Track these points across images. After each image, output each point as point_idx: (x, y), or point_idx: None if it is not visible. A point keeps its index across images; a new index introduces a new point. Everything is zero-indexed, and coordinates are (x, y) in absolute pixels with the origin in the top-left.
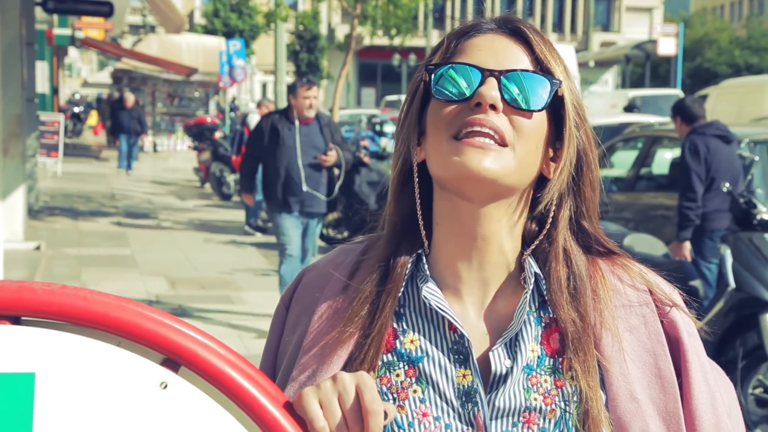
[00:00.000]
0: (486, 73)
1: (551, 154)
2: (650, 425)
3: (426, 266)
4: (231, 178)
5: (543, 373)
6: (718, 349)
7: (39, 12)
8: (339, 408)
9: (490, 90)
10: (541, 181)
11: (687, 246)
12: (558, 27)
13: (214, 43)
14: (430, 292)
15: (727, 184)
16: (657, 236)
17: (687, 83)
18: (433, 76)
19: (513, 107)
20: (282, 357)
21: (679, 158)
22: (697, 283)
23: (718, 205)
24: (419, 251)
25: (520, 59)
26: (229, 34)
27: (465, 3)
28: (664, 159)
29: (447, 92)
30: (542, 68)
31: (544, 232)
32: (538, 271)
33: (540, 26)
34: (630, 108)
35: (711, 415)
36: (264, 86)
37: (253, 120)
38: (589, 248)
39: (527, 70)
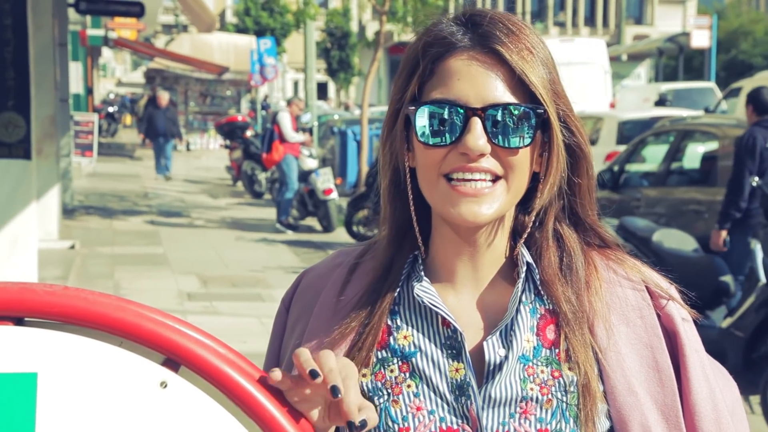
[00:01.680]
0: (469, 113)
1: (540, 149)
2: (649, 418)
3: (421, 267)
4: (262, 176)
5: (539, 363)
6: (749, 345)
7: (72, 13)
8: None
9: (476, 140)
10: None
11: (723, 235)
12: (590, 20)
13: (246, 41)
14: (423, 289)
15: (757, 179)
16: (688, 231)
17: (721, 76)
18: (415, 114)
19: (501, 147)
20: (283, 358)
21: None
22: (727, 278)
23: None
24: (416, 252)
25: (501, 85)
26: (260, 33)
27: None
28: (695, 153)
29: (431, 138)
30: (525, 87)
31: (534, 222)
32: (530, 260)
33: (572, 20)
34: (661, 102)
35: (711, 410)
36: (296, 84)
37: (283, 118)
38: (585, 239)
39: (510, 103)
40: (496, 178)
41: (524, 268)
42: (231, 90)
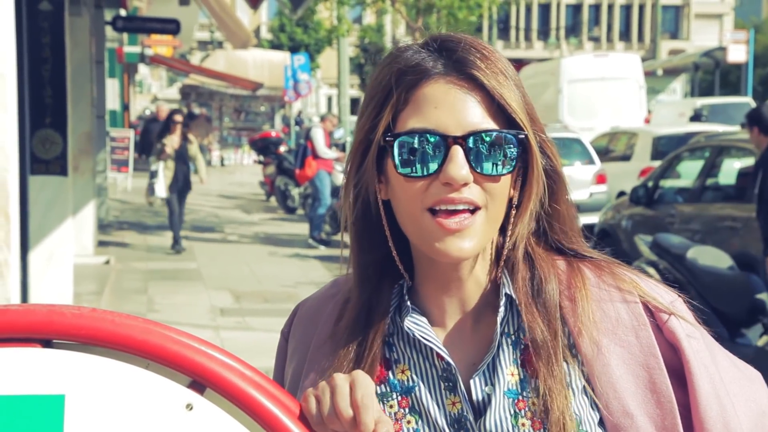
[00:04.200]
0: (449, 141)
1: (515, 177)
2: None
3: (407, 299)
4: (295, 192)
5: (530, 396)
6: None
7: (110, 31)
8: (330, 402)
9: (459, 169)
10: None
11: None
12: (625, 35)
13: (280, 57)
14: (414, 322)
15: None
16: (723, 248)
17: (758, 91)
18: (393, 146)
19: (483, 175)
20: (285, 386)
21: (753, 168)
22: (764, 296)
23: None
24: (401, 282)
25: (479, 111)
26: (294, 49)
27: (530, 12)
28: (731, 169)
29: (413, 170)
30: (502, 112)
31: (508, 246)
32: (510, 292)
33: (606, 35)
34: (696, 117)
35: (721, 428)
36: (329, 99)
37: (316, 134)
38: (570, 254)
39: (491, 130)
40: (475, 209)
41: (503, 300)
42: (265, 106)
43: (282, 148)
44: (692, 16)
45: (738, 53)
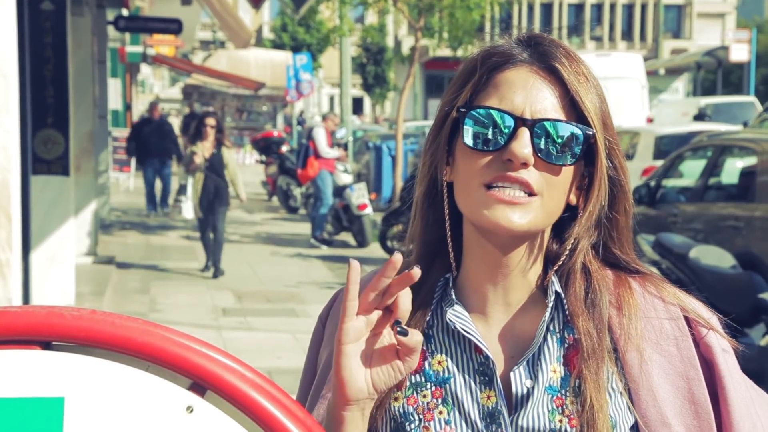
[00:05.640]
0: (519, 123)
1: (579, 182)
2: None
3: (452, 291)
4: (297, 192)
5: (569, 394)
6: None
7: (112, 31)
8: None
9: (522, 148)
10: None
11: None
12: (627, 35)
13: (282, 57)
14: (456, 314)
15: None
16: (726, 248)
17: (760, 90)
18: (465, 118)
19: (544, 161)
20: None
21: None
22: (766, 295)
23: None
24: (447, 275)
25: (554, 102)
26: (297, 48)
27: (532, 12)
28: (734, 168)
29: (479, 143)
30: (576, 110)
31: (566, 253)
32: (560, 290)
33: (608, 35)
34: (700, 117)
35: None
36: (332, 99)
37: (318, 134)
38: (619, 266)
39: (560, 120)
40: (531, 194)
41: (553, 297)
42: (267, 105)
43: (284, 148)
44: (694, 15)
45: (740, 52)
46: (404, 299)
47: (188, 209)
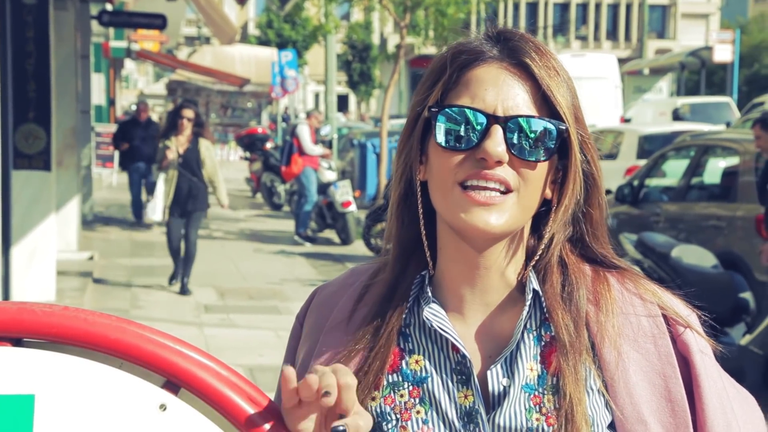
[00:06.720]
0: (491, 120)
1: (553, 176)
2: None
3: (429, 289)
4: (281, 188)
5: (546, 392)
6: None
7: (95, 25)
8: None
9: (496, 146)
10: (544, 201)
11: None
12: (612, 34)
13: (267, 54)
14: (432, 312)
15: None
16: (708, 247)
17: (744, 90)
18: (437, 116)
19: (518, 158)
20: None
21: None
22: (747, 295)
23: None
24: (424, 273)
25: (526, 98)
26: (282, 45)
27: (518, 10)
28: (716, 168)
29: (451, 141)
30: (548, 104)
31: (542, 248)
32: (537, 287)
33: (593, 34)
34: (676, 117)
35: None
36: (317, 96)
37: (302, 131)
38: (597, 261)
39: (533, 116)
40: (507, 191)
41: (530, 295)
42: (252, 102)
43: (268, 145)
44: (679, 15)
45: (724, 53)
46: (344, 393)
47: (155, 209)
